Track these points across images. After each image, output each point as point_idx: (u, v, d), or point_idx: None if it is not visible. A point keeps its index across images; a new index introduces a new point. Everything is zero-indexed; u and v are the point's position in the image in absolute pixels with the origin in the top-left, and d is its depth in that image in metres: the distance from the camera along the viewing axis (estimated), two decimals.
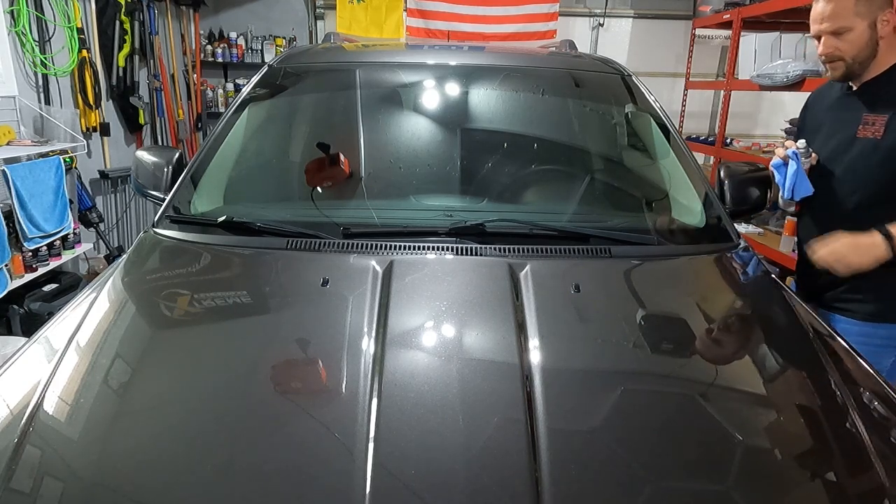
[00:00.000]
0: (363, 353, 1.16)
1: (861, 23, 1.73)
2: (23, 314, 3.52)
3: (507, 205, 1.85)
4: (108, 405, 1.09)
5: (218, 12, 5.72)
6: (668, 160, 2.01)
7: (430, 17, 5.56)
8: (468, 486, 0.90)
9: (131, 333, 1.31)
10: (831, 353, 1.30)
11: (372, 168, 1.95)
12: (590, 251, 1.58)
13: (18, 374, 1.18)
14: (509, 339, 1.21)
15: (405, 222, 1.66)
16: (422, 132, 2.06)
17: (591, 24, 5.97)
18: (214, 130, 2.04)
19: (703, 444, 1.04)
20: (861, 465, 1.02)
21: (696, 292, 1.60)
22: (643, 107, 2.13)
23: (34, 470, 0.95)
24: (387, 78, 2.21)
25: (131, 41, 4.94)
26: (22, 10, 3.69)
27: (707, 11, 5.24)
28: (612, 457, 0.99)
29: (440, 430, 0.99)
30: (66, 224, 3.79)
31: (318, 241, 1.55)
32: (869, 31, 1.74)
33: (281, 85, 2.21)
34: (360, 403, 1.03)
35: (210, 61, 5.70)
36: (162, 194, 1.92)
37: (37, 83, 3.96)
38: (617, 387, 1.16)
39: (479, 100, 2.13)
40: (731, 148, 4.69)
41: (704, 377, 1.25)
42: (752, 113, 5.96)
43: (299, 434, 1.01)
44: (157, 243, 1.66)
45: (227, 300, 1.43)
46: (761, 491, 0.96)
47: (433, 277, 1.43)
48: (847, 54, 1.77)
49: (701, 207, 1.83)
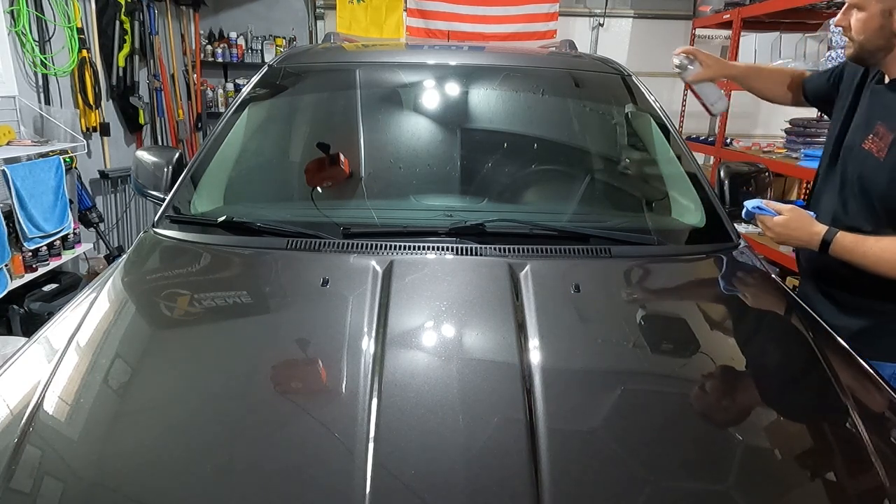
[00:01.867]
0: (363, 353, 1.16)
1: (875, 5, 1.53)
2: (23, 314, 3.52)
3: (507, 205, 1.85)
4: (108, 405, 1.09)
5: (218, 12, 5.72)
6: (668, 160, 2.01)
7: (430, 17, 5.56)
8: (468, 486, 0.90)
9: (131, 333, 1.31)
10: (831, 353, 1.30)
11: (372, 168, 1.95)
12: (590, 251, 1.58)
13: (18, 374, 1.18)
14: (509, 339, 1.20)
15: (405, 222, 1.66)
16: (422, 132, 2.06)
17: (591, 24, 5.97)
18: (214, 130, 2.04)
19: (703, 444, 1.04)
20: (861, 465, 1.01)
21: (696, 292, 1.60)
22: (643, 107, 2.13)
23: (34, 470, 0.95)
24: (387, 78, 2.21)
25: (131, 41, 4.94)
26: (22, 10, 3.69)
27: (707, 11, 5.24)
28: (612, 457, 0.99)
29: (440, 430, 0.99)
30: (66, 224, 3.79)
31: (318, 241, 1.55)
32: (881, 18, 1.54)
33: (281, 85, 2.21)
34: (360, 403, 1.03)
35: (210, 61, 5.70)
36: (162, 194, 1.92)
37: (37, 83, 3.96)
38: (617, 387, 1.15)
39: (479, 100, 2.13)
40: (731, 148, 4.69)
41: (704, 377, 1.25)
42: (752, 113, 5.95)
43: (299, 434, 1.01)
44: (157, 243, 1.66)
45: (227, 300, 1.43)
46: (761, 491, 0.96)
47: (433, 277, 1.43)
48: (855, 35, 1.59)
49: (701, 207, 1.83)
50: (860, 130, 1.66)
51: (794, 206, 1.63)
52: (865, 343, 1.59)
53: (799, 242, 1.64)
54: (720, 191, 1.96)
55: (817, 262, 1.76)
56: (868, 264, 1.55)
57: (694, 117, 5.88)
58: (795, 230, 1.60)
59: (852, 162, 1.67)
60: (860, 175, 1.63)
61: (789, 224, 1.60)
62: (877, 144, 1.58)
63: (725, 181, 1.97)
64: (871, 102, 1.67)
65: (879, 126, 1.59)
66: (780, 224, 1.60)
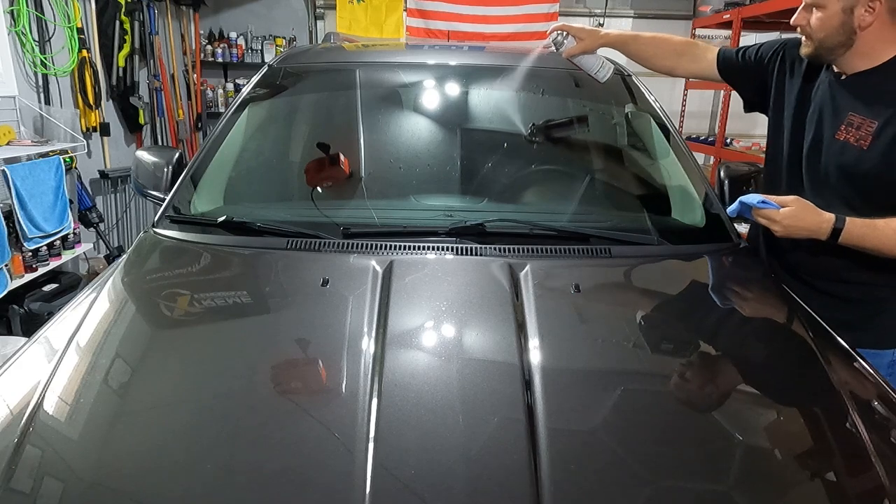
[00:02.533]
0: (363, 353, 1.16)
1: (835, 4, 1.53)
2: (23, 314, 3.52)
3: (507, 205, 1.85)
4: (108, 405, 1.09)
5: (218, 12, 5.72)
6: (668, 160, 2.01)
7: (430, 17, 5.56)
8: (468, 486, 0.90)
9: (131, 333, 1.31)
10: (831, 353, 1.30)
11: (372, 168, 1.95)
12: (590, 251, 1.58)
13: (18, 374, 1.18)
14: (509, 339, 1.20)
15: (405, 222, 1.66)
16: (422, 132, 2.06)
17: (591, 24, 5.96)
18: (214, 130, 2.04)
19: (703, 444, 1.04)
20: (861, 465, 1.01)
21: (696, 292, 1.59)
22: (643, 107, 2.13)
23: (34, 470, 0.95)
24: (387, 78, 2.21)
25: (131, 41, 4.94)
26: (22, 10, 3.69)
27: (707, 11, 5.25)
28: (611, 457, 0.99)
29: (440, 430, 0.99)
30: (66, 224, 3.78)
31: (318, 241, 1.55)
32: (842, 16, 1.53)
33: (281, 85, 2.21)
34: (360, 403, 1.03)
35: (210, 61, 5.70)
36: (162, 194, 1.92)
37: (37, 83, 3.96)
38: (617, 387, 1.15)
39: (479, 100, 2.13)
40: (731, 148, 4.69)
41: (704, 377, 1.25)
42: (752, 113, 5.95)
43: (299, 434, 1.01)
44: (157, 243, 1.66)
45: (227, 300, 1.43)
46: (761, 491, 0.96)
47: (433, 277, 1.43)
48: (814, 33, 1.58)
49: (701, 207, 1.83)
50: (827, 123, 1.63)
51: (796, 196, 1.58)
52: (862, 332, 1.61)
53: (806, 233, 1.57)
54: (720, 191, 1.96)
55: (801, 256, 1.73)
56: (883, 247, 1.53)
57: (694, 117, 5.89)
58: (803, 220, 1.54)
59: (826, 154, 1.63)
60: (839, 166, 1.60)
61: (798, 214, 1.54)
62: (854, 134, 1.57)
63: (725, 181, 1.97)
64: (833, 94, 1.64)
65: (853, 116, 1.58)
66: (788, 216, 1.54)
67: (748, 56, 1.87)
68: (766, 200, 1.57)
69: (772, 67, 1.82)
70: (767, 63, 1.83)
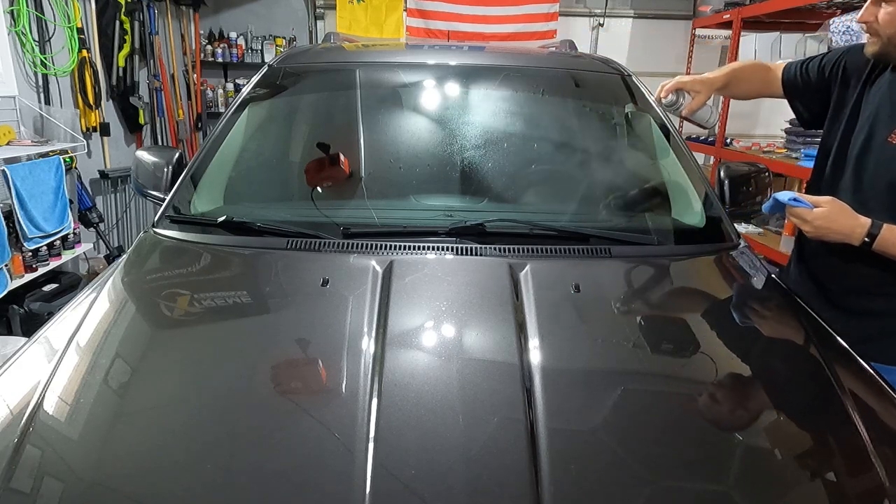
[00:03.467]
0: (363, 353, 1.16)
1: None
2: (23, 314, 3.52)
3: (507, 205, 1.85)
4: (108, 405, 1.09)
5: (218, 12, 5.72)
6: (668, 160, 2.01)
7: (430, 17, 5.56)
8: (468, 486, 0.90)
9: (131, 333, 1.31)
10: (831, 353, 1.30)
11: (372, 168, 1.95)
12: (590, 251, 1.58)
13: (18, 374, 1.18)
14: (509, 339, 1.20)
15: (405, 222, 1.66)
16: (422, 132, 2.06)
17: (591, 24, 5.97)
18: (214, 130, 2.04)
19: (703, 444, 1.04)
20: (861, 465, 1.02)
21: (696, 292, 1.60)
22: (643, 107, 2.13)
23: (34, 470, 0.95)
24: (387, 78, 2.21)
25: (131, 41, 4.94)
26: (22, 10, 3.69)
27: (707, 11, 5.25)
28: (612, 457, 0.99)
29: (440, 430, 0.99)
30: (66, 224, 3.79)
31: (318, 241, 1.55)
32: None
33: (281, 85, 2.21)
34: (360, 403, 1.03)
35: (210, 61, 5.70)
36: (162, 194, 1.92)
37: (37, 83, 3.96)
38: (617, 387, 1.15)
39: (479, 100, 2.13)
40: (731, 148, 4.69)
41: (704, 377, 1.25)
42: (752, 113, 5.95)
43: (299, 434, 1.01)
44: (157, 243, 1.66)
45: (227, 300, 1.43)
46: (761, 491, 0.96)
47: (433, 277, 1.43)
48: (883, 29, 1.49)
49: (701, 207, 1.83)
50: (882, 124, 1.55)
51: (832, 197, 1.52)
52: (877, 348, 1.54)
53: (838, 236, 1.50)
54: (720, 191, 1.96)
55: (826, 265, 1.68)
56: None
57: None
58: (835, 222, 1.48)
59: (876, 159, 1.56)
60: (889, 171, 1.52)
61: (830, 216, 1.48)
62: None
63: (725, 181, 1.97)
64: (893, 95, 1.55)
65: None
66: (820, 216, 1.48)
67: (810, 69, 1.80)
68: (798, 198, 1.51)
69: (834, 76, 1.74)
70: (829, 74, 1.75)
